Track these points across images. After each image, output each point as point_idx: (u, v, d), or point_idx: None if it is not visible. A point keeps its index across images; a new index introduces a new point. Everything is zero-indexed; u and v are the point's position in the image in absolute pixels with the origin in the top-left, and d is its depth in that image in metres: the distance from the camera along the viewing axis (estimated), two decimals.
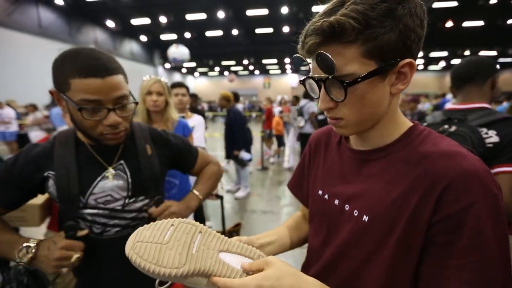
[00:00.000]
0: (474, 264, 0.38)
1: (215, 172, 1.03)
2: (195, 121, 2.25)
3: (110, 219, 0.77)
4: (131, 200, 0.79)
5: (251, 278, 0.41)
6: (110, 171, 0.76)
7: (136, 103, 0.75)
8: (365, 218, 0.49)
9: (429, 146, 0.46)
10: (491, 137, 0.98)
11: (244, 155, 3.78)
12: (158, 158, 0.86)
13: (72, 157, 0.73)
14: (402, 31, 0.42)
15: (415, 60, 0.45)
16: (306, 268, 0.65)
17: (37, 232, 2.50)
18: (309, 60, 0.49)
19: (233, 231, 1.99)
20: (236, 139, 3.69)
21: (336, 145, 0.61)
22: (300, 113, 4.57)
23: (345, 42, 0.42)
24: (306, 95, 4.49)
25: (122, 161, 0.79)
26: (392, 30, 0.41)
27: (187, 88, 2.26)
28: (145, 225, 0.47)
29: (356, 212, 0.50)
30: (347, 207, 0.53)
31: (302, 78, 0.51)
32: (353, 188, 0.53)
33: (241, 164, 3.89)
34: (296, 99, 5.48)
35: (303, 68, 0.50)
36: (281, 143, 6.25)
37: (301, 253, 0.65)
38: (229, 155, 3.80)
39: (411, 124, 0.52)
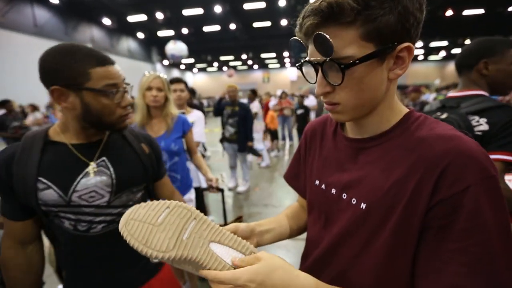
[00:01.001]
0: (472, 247, 0.38)
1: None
2: (194, 116, 2.24)
3: (96, 216, 0.77)
4: (116, 196, 0.79)
5: (242, 271, 0.40)
6: (92, 166, 0.76)
7: (131, 87, 0.80)
8: (363, 205, 0.48)
9: (425, 131, 0.46)
10: (481, 125, 0.96)
11: (258, 145, 3.89)
12: (154, 155, 0.92)
13: (34, 162, 0.70)
14: (401, 13, 0.41)
15: (413, 45, 0.44)
16: (305, 258, 0.65)
17: None
18: (307, 44, 0.48)
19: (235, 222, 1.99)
20: (249, 131, 3.75)
21: (332, 134, 0.61)
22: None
23: (344, 24, 0.41)
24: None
25: (104, 158, 0.79)
26: (391, 11, 0.40)
27: (185, 83, 2.24)
28: (142, 203, 0.46)
29: (354, 200, 0.50)
30: (344, 195, 0.53)
31: (299, 63, 0.49)
32: (349, 176, 0.52)
33: (256, 154, 4.10)
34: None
35: (300, 52, 0.48)
36: (275, 137, 6.29)
37: (293, 245, 0.65)
38: (243, 148, 3.80)
39: (407, 110, 0.51)
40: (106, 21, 15.72)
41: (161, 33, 17.66)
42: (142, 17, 14.79)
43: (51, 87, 0.69)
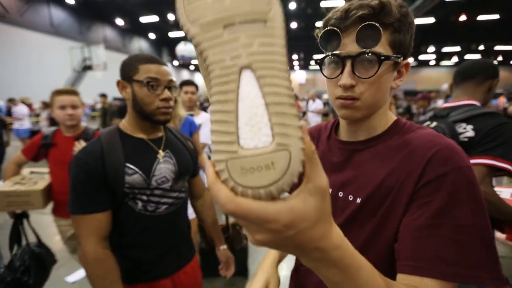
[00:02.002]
0: (449, 220, 0.42)
1: (214, 208, 1.20)
2: (202, 118, 2.28)
3: (162, 198, 0.91)
4: (177, 181, 0.95)
5: (283, 207, 0.23)
6: (161, 154, 0.93)
7: (181, 87, 0.90)
8: (359, 200, 0.52)
9: (411, 134, 0.52)
10: (468, 131, 1.02)
11: None
12: (194, 154, 1.09)
13: (120, 155, 0.85)
14: (412, 35, 0.50)
15: None
16: None
17: (44, 219, 2.58)
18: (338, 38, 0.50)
19: (237, 224, 2.01)
20: None
21: (326, 139, 0.65)
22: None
23: (383, 25, 0.46)
24: None
25: (168, 150, 0.95)
26: (408, 31, 0.49)
27: (196, 86, 2.29)
28: None
29: (350, 197, 0.54)
30: (341, 194, 0.56)
31: (322, 56, 0.52)
32: (345, 176, 0.56)
33: None
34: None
35: (328, 44, 0.50)
36: None
37: None
38: None
39: (395, 118, 0.57)
40: (119, 21, 16.06)
41: (172, 34, 17.92)
42: (154, 18, 15.05)
43: (117, 81, 0.89)
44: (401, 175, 0.47)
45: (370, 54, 0.46)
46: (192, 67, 28.99)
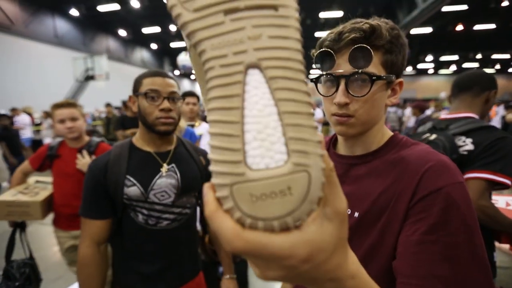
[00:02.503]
0: (443, 237, 0.42)
1: None
2: (203, 129, 2.29)
3: (163, 213, 0.92)
4: (179, 198, 0.95)
5: (299, 239, 0.20)
6: (165, 167, 0.93)
7: (184, 99, 0.93)
8: (356, 214, 0.53)
9: (407, 150, 0.53)
10: (467, 145, 1.02)
11: None
12: (206, 169, 1.06)
13: (123, 166, 0.89)
14: (404, 56, 0.53)
15: None
16: None
17: (44, 230, 2.56)
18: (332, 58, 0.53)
19: None
20: None
21: None
22: None
23: (374, 46, 0.49)
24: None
25: (173, 164, 0.96)
26: (400, 52, 0.52)
27: (197, 97, 2.31)
28: None
29: (349, 211, 0.54)
30: None
31: (317, 76, 0.56)
32: (343, 190, 0.55)
33: None
34: None
35: (323, 64, 0.53)
36: None
37: None
38: None
39: (392, 133, 0.59)
40: (122, 32, 16.35)
41: (174, 45, 18.21)
42: (156, 29, 15.32)
43: (129, 96, 0.96)
44: (395, 192, 0.49)
45: (362, 73, 0.49)
46: (193, 77, 29.29)
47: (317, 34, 15.66)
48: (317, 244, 0.20)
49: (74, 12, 13.29)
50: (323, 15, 12.90)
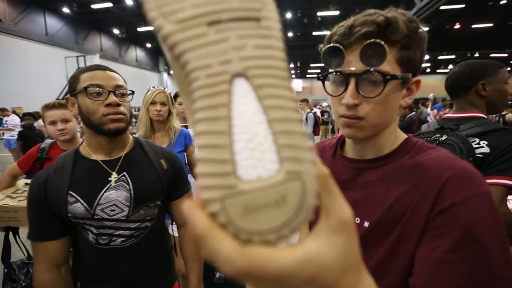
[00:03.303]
0: (469, 256, 0.38)
1: (197, 245, 1.00)
2: None
3: (116, 230, 0.81)
4: (134, 211, 0.83)
5: (303, 256, 0.18)
6: (113, 176, 0.81)
7: (133, 92, 0.85)
8: (366, 224, 0.50)
9: (423, 155, 0.49)
10: (482, 147, 0.97)
11: None
12: (172, 172, 0.94)
13: (65, 181, 0.78)
14: (422, 52, 0.48)
15: None
16: None
17: None
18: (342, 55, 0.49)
19: None
20: None
21: (331, 156, 0.62)
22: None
23: (389, 41, 0.44)
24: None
25: (124, 172, 0.83)
26: (418, 47, 0.47)
27: None
28: None
29: (357, 220, 0.51)
30: None
31: (324, 73, 0.51)
32: (351, 196, 0.53)
33: None
34: None
35: (331, 61, 0.48)
36: None
37: None
38: None
39: (406, 136, 0.54)
40: (115, 31, 16.10)
41: None
42: (151, 28, 15.07)
43: (65, 98, 0.83)
44: (412, 201, 0.45)
45: (375, 72, 0.44)
46: None
47: (314, 33, 15.55)
48: (324, 262, 0.17)
49: (66, 9, 13.01)
50: (320, 14, 12.78)
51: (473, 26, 13.82)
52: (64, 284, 0.82)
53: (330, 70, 0.49)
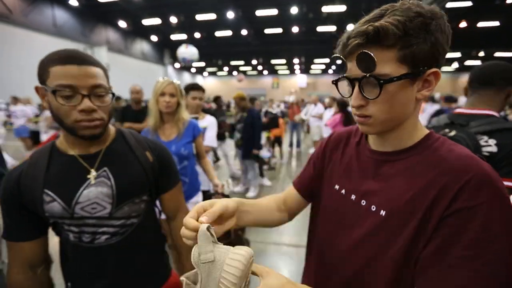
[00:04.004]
0: (484, 255, 0.41)
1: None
2: (207, 121, 2.29)
3: (99, 227, 0.76)
4: (118, 207, 0.77)
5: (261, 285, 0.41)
6: (92, 174, 0.75)
7: (113, 94, 0.75)
8: (382, 212, 0.52)
9: (444, 151, 0.50)
10: (490, 146, 0.96)
11: (264, 153, 3.87)
12: (158, 164, 0.88)
13: (39, 179, 0.71)
14: (433, 43, 0.47)
15: (440, 70, 0.50)
16: (317, 257, 0.67)
17: None
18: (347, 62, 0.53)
19: (238, 229, 2.01)
20: (256, 138, 3.74)
21: (355, 145, 0.65)
22: None
23: (385, 46, 0.47)
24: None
25: (105, 168, 0.76)
26: (425, 41, 0.46)
27: (203, 90, 2.27)
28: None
29: (373, 207, 0.54)
30: (363, 202, 0.57)
31: (336, 78, 0.56)
32: (370, 185, 0.57)
33: (262, 162, 4.05)
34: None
35: (340, 68, 0.53)
36: (278, 144, 6.26)
37: (296, 252, 0.66)
38: (247, 155, 3.79)
39: (428, 131, 0.56)
40: (122, 23, 16.17)
41: (174, 37, 18.04)
42: (157, 21, 15.16)
43: (35, 87, 0.70)
44: (430, 196, 0.47)
45: (370, 77, 0.48)
46: (193, 70, 29.10)
47: (319, 28, 15.53)
48: (268, 284, 0.41)
49: (73, 2, 13.11)
50: (325, 9, 12.76)
51: (479, 24, 13.73)
52: (39, 285, 0.77)
53: (338, 76, 0.55)
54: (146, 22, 15.41)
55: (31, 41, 11.92)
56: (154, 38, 19.66)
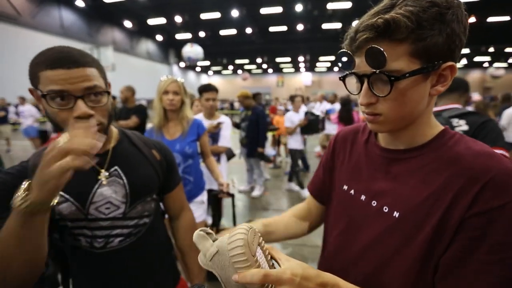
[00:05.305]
0: (509, 259, 0.39)
1: (193, 227, 0.97)
2: (223, 121, 2.29)
3: (113, 229, 0.73)
4: (132, 207, 0.76)
5: (285, 268, 0.40)
6: (103, 173, 0.72)
7: (108, 93, 0.69)
8: (396, 214, 0.49)
9: (462, 147, 0.47)
10: (461, 125, 1.20)
11: (269, 151, 3.85)
12: (166, 163, 0.88)
13: None
14: (449, 35, 0.43)
15: (456, 64, 0.46)
16: (327, 260, 0.66)
17: None
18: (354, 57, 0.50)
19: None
20: (261, 137, 3.74)
21: (364, 143, 0.62)
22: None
23: (396, 40, 0.43)
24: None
25: (116, 167, 0.75)
26: (440, 33, 0.43)
27: (216, 90, 2.25)
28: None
29: (386, 208, 0.51)
30: (374, 203, 0.54)
31: (343, 74, 0.52)
32: (381, 185, 0.54)
33: (267, 160, 4.04)
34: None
35: (347, 64, 0.49)
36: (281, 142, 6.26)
37: (310, 252, 0.66)
38: (252, 153, 3.79)
39: (442, 127, 0.53)
40: (127, 23, 16.29)
41: (179, 36, 18.09)
42: (162, 20, 15.22)
43: (29, 89, 0.65)
44: (448, 196, 0.44)
45: (380, 74, 0.45)
46: (198, 69, 29.18)
47: (324, 26, 15.38)
48: (294, 266, 0.41)
49: (80, 3, 13.25)
50: (330, 6, 12.64)
51: (489, 19, 13.42)
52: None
53: (346, 72, 0.50)
54: (151, 21, 15.49)
55: (39, 42, 12.09)
56: (159, 37, 19.76)
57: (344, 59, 0.48)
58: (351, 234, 0.58)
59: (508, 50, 18.86)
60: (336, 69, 26.93)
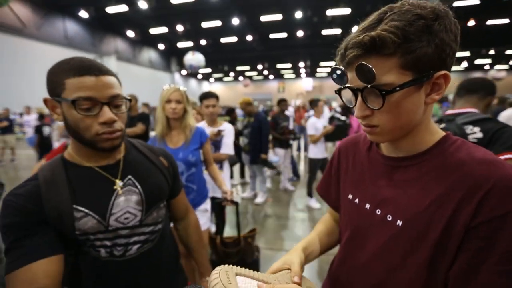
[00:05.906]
0: None
1: (199, 230, 1.05)
2: (225, 128, 2.30)
3: (131, 237, 0.75)
4: (147, 214, 0.78)
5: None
6: (118, 183, 0.73)
7: (130, 100, 0.73)
8: (399, 223, 0.49)
9: (464, 154, 0.47)
10: (475, 133, 1.13)
11: (273, 157, 3.95)
12: (172, 170, 0.91)
13: (65, 195, 0.66)
14: (438, 45, 0.43)
15: (449, 72, 0.47)
16: (335, 270, 0.66)
17: None
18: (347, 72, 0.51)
19: (248, 237, 1.98)
20: (263, 143, 3.73)
21: (366, 151, 0.63)
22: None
23: (384, 55, 0.44)
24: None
25: (129, 176, 0.76)
26: (429, 44, 0.43)
27: (217, 97, 2.26)
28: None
29: (389, 217, 0.51)
30: (378, 211, 0.54)
31: (338, 88, 0.53)
32: (384, 193, 0.54)
33: (270, 166, 4.04)
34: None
35: (340, 78, 0.50)
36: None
37: (317, 259, 0.65)
38: (255, 160, 3.78)
39: (444, 133, 0.53)
40: (130, 33, 16.55)
41: (181, 44, 18.32)
42: (163, 29, 15.44)
43: (44, 99, 0.67)
44: (451, 204, 0.44)
45: (372, 88, 0.45)
46: (199, 76, 29.43)
47: (324, 32, 15.52)
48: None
49: (83, 14, 13.50)
50: (330, 12, 12.77)
51: (488, 22, 13.47)
52: None
53: (340, 86, 0.51)
54: (153, 31, 15.71)
55: (44, 52, 12.32)
56: (161, 46, 20.00)
57: (338, 73, 0.49)
58: (357, 244, 0.58)
59: (509, 52, 18.85)
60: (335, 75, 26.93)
